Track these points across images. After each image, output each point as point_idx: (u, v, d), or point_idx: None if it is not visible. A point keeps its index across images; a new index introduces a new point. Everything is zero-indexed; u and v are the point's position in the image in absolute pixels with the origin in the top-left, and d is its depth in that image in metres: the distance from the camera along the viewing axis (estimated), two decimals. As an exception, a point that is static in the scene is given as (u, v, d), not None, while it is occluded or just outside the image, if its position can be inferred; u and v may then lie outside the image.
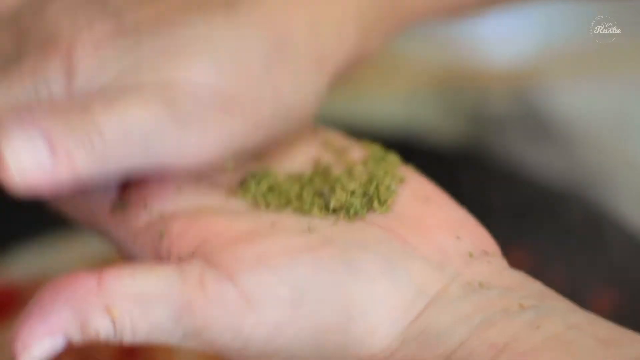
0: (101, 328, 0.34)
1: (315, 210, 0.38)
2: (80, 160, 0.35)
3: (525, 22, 0.74)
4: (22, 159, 0.35)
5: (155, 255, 0.38)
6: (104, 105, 0.36)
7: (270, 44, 0.39)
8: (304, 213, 0.38)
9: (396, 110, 0.72)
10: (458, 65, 0.74)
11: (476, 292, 0.36)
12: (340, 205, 0.38)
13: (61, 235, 0.63)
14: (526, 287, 0.37)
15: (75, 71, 0.37)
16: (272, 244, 0.36)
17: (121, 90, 0.37)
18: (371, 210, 0.38)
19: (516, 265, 0.38)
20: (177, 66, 0.37)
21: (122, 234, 0.39)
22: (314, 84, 0.40)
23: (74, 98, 0.37)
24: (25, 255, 0.63)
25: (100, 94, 0.37)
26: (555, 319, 0.35)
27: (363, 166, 0.41)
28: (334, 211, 0.38)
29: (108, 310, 0.34)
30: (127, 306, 0.34)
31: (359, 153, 0.42)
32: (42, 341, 0.34)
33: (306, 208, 0.38)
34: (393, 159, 0.41)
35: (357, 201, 0.39)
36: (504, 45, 0.74)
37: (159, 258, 0.37)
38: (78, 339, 0.34)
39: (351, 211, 0.38)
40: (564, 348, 0.34)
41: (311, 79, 0.40)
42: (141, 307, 0.34)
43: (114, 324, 0.34)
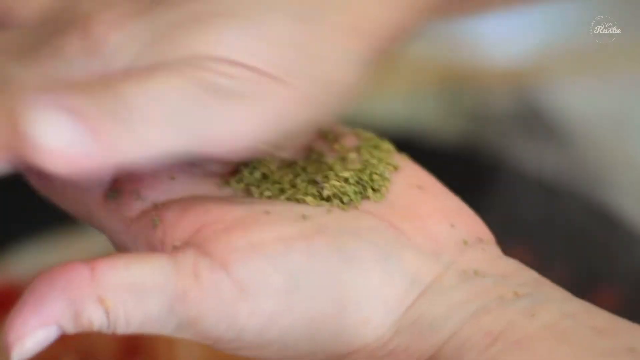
0: (95, 318, 0.34)
1: (309, 199, 0.38)
2: (115, 137, 0.33)
3: (526, 21, 0.74)
4: (54, 140, 0.33)
5: (148, 245, 0.37)
6: (132, 82, 0.34)
7: (304, 11, 0.37)
8: (297, 201, 0.38)
9: (397, 109, 0.72)
10: (459, 64, 0.75)
11: (471, 280, 0.36)
12: (333, 194, 0.38)
13: (61, 233, 0.63)
14: (521, 275, 0.37)
15: (94, 47, 0.36)
16: (266, 233, 0.36)
17: (149, 68, 0.35)
18: (365, 198, 0.38)
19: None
20: (205, 40, 0.35)
21: (115, 224, 0.38)
22: (355, 53, 0.37)
23: (96, 77, 0.35)
24: (26, 254, 0.63)
25: (125, 70, 0.35)
26: (550, 308, 0.35)
27: (356, 153, 0.40)
28: (328, 199, 0.38)
29: (101, 301, 0.34)
30: (121, 296, 0.34)
31: (352, 140, 0.41)
32: (35, 332, 0.33)
33: (300, 196, 0.38)
34: (387, 147, 0.41)
35: (351, 189, 0.38)
36: (505, 44, 0.74)
37: (153, 248, 0.37)
38: (71, 330, 0.34)
39: (345, 199, 0.38)
40: (559, 337, 0.34)
41: (351, 47, 0.37)
42: (135, 297, 0.34)
43: (107, 314, 0.34)
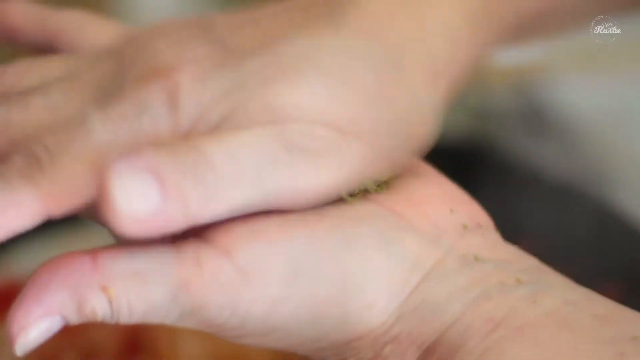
0: (98, 308, 0.33)
1: None
2: (194, 201, 0.33)
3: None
4: (133, 202, 0.32)
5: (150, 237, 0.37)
6: (216, 143, 0.34)
7: (382, 58, 0.36)
8: None
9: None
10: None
11: (472, 266, 0.36)
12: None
13: (63, 230, 0.63)
14: (522, 262, 0.37)
15: (180, 102, 0.35)
16: (267, 219, 0.35)
17: (229, 123, 0.35)
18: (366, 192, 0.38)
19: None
20: (290, 103, 0.35)
21: None
22: (431, 99, 0.37)
23: (178, 132, 0.35)
24: (27, 251, 0.63)
25: (207, 128, 0.35)
26: (552, 294, 0.35)
27: None
28: None
29: (104, 289, 0.33)
30: (124, 285, 0.34)
31: None
32: (39, 322, 0.33)
33: None
34: None
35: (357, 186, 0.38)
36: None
37: (155, 238, 0.36)
38: (75, 320, 0.34)
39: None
40: (561, 324, 0.34)
41: (428, 93, 0.37)
42: (137, 286, 0.34)
43: (110, 303, 0.33)
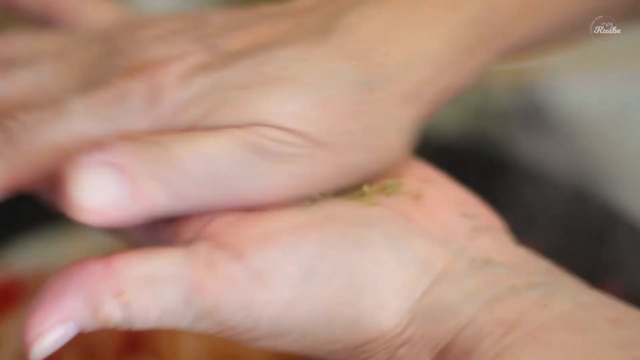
0: (112, 313, 0.34)
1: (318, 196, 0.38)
2: (157, 199, 0.35)
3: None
4: (95, 197, 0.34)
5: (160, 239, 0.38)
6: (186, 143, 0.35)
7: (363, 81, 0.37)
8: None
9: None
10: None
11: (483, 269, 0.36)
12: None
13: (64, 227, 0.63)
14: (534, 264, 0.37)
15: (159, 98, 0.37)
16: (278, 222, 0.36)
17: (203, 123, 0.36)
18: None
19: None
20: (264, 108, 0.36)
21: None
22: (404, 121, 0.38)
23: (155, 127, 0.36)
24: (28, 248, 0.63)
25: (183, 126, 0.36)
26: (564, 298, 0.35)
27: None
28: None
29: (118, 295, 0.34)
30: (137, 290, 0.34)
31: None
32: (54, 329, 0.33)
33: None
34: None
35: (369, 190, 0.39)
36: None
37: (167, 243, 0.37)
38: (89, 326, 0.34)
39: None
40: (574, 327, 0.34)
41: (403, 116, 0.38)
42: (151, 291, 0.34)
43: (125, 309, 0.34)
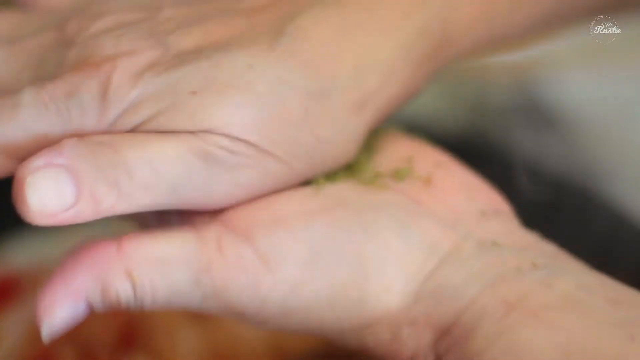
0: (122, 292, 0.35)
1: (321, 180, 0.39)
2: (105, 201, 0.35)
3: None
4: (46, 201, 0.34)
5: (173, 224, 0.38)
6: (135, 147, 0.35)
7: (311, 87, 0.37)
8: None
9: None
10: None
11: (489, 251, 0.37)
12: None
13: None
14: (539, 247, 0.38)
15: (108, 95, 0.37)
16: (287, 206, 0.37)
17: (152, 125, 0.36)
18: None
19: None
20: (215, 116, 0.36)
21: None
22: (354, 129, 0.39)
23: (103, 123, 0.37)
24: (26, 244, 0.63)
25: (131, 125, 0.36)
26: (566, 279, 0.36)
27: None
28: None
29: (128, 274, 0.35)
30: (147, 270, 0.35)
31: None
32: (64, 306, 0.34)
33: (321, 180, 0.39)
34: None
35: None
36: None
37: (179, 226, 0.38)
38: (100, 306, 0.35)
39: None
40: (574, 307, 0.35)
41: (351, 124, 0.38)
42: (161, 270, 0.35)
43: (134, 288, 0.35)
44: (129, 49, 0.38)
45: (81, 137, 0.36)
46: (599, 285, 0.36)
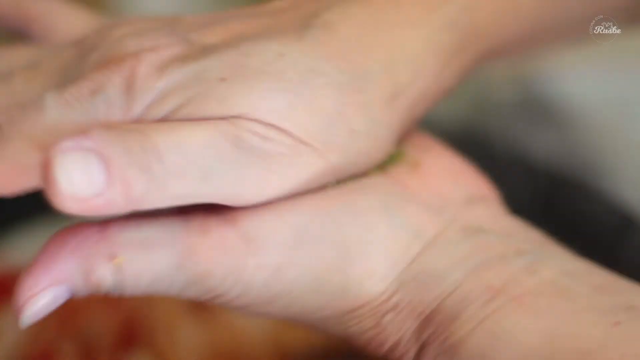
0: (104, 277, 0.34)
1: None
2: (137, 187, 0.33)
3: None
4: (76, 182, 0.32)
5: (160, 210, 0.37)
6: (166, 132, 0.34)
7: (344, 78, 0.37)
8: None
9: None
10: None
11: (473, 236, 0.37)
12: None
13: (61, 218, 0.63)
14: (524, 234, 0.38)
15: (135, 88, 0.36)
16: None
17: (181, 113, 0.35)
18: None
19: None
20: (246, 101, 0.35)
21: None
22: (387, 123, 0.38)
23: (131, 117, 0.36)
24: (25, 240, 0.63)
25: (159, 115, 0.35)
26: (551, 265, 0.36)
27: None
28: None
29: (111, 257, 0.34)
30: (131, 254, 0.34)
31: None
32: (46, 291, 0.33)
33: None
34: None
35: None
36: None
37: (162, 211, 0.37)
38: (82, 290, 0.34)
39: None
40: (559, 293, 0.35)
41: (385, 117, 0.38)
42: (144, 255, 0.34)
43: (117, 273, 0.34)
44: (152, 45, 0.37)
45: (111, 125, 0.35)
46: (584, 271, 0.36)
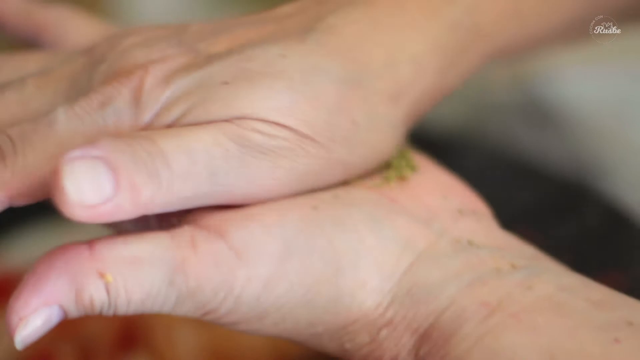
0: (95, 296, 0.34)
1: None
2: (145, 192, 0.34)
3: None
4: (84, 190, 0.33)
5: (148, 227, 0.38)
6: (172, 137, 0.35)
7: (345, 75, 0.38)
8: None
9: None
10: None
11: (465, 250, 0.37)
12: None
13: (60, 221, 0.63)
14: (518, 248, 0.38)
15: (142, 98, 0.37)
16: (261, 205, 0.37)
17: (187, 119, 0.36)
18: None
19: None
20: (249, 102, 0.36)
21: None
22: (390, 119, 0.39)
23: (139, 126, 0.37)
24: (25, 242, 0.63)
25: (166, 123, 0.36)
26: (547, 280, 0.35)
27: None
28: None
29: (101, 275, 0.34)
30: (120, 270, 0.34)
31: None
32: (38, 312, 0.33)
33: None
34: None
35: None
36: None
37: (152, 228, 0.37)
38: (73, 311, 0.34)
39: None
40: (556, 309, 0.34)
41: (387, 114, 0.39)
42: (135, 272, 0.34)
43: (108, 291, 0.34)
44: (160, 57, 0.38)
45: (118, 134, 0.36)
46: (580, 286, 0.36)
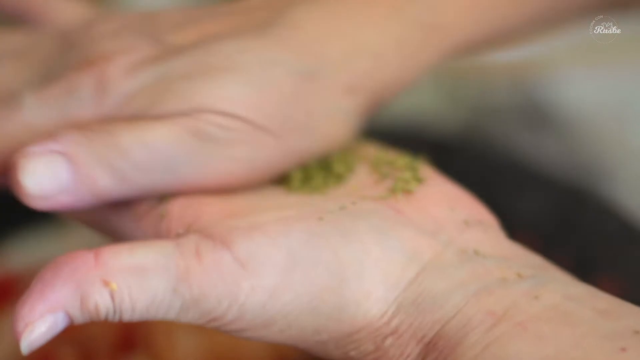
0: (100, 303, 0.34)
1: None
2: (102, 181, 0.36)
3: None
4: (42, 183, 0.36)
5: (155, 236, 0.38)
6: (130, 130, 0.37)
7: (303, 70, 0.39)
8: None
9: (398, 100, 0.72)
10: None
11: (472, 260, 0.37)
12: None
13: (59, 223, 0.63)
14: (524, 258, 0.38)
15: (106, 89, 0.38)
16: (266, 215, 0.37)
17: (148, 113, 0.38)
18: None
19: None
20: (206, 95, 0.38)
21: (125, 221, 0.40)
22: (345, 110, 0.40)
23: (102, 117, 0.38)
24: (23, 244, 0.63)
25: (128, 115, 0.38)
26: (553, 289, 0.35)
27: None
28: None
29: (106, 283, 0.34)
30: (125, 278, 0.34)
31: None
32: (43, 319, 0.34)
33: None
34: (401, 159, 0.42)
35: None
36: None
37: (159, 237, 0.38)
38: (79, 317, 0.34)
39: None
40: (563, 318, 0.34)
41: (342, 105, 0.40)
42: (140, 280, 0.35)
43: (112, 298, 0.34)
44: (125, 47, 0.40)
45: (79, 126, 0.38)
46: (586, 295, 0.35)
